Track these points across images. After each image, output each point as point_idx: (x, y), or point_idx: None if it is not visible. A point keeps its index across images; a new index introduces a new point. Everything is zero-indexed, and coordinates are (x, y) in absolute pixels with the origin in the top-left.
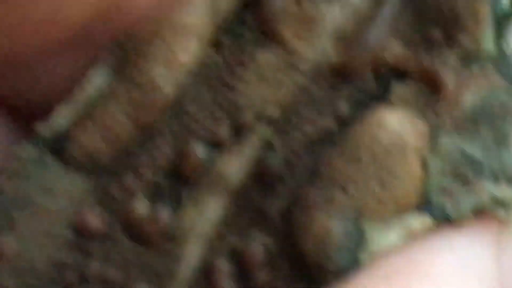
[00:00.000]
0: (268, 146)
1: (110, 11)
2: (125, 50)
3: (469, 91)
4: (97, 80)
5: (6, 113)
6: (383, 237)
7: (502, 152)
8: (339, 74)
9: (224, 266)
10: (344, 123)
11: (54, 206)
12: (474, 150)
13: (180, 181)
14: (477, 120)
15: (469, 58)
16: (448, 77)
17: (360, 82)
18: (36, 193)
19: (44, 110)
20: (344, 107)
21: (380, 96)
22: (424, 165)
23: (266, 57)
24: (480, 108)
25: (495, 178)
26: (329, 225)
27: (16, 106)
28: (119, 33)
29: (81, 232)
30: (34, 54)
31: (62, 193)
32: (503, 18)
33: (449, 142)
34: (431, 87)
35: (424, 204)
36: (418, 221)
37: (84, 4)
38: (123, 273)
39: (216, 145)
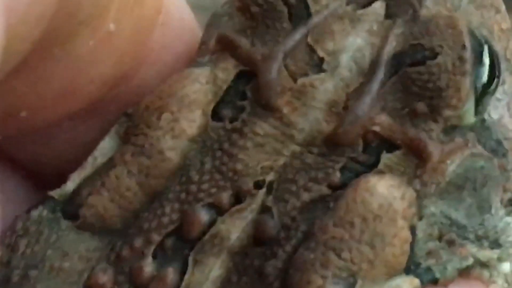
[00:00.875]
0: (266, 210)
1: (120, 85)
2: (133, 120)
3: (453, 160)
4: (106, 148)
5: (24, 177)
6: None
7: (485, 216)
8: (331, 143)
9: None
10: (336, 189)
11: (69, 267)
12: (459, 215)
13: (185, 243)
14: (461, 187)
15: (452, 130)
16: (433, 148)
17: (351, 151)
18: (52, 254)
19: (60, 174)
20: (336, 175)
21: (370, 164)
22: (412, 230)
23: (264, 128)
24: (463, 175)
25: (479, 241)
26: (325, 286)
27: (33, 171)
28: (128, 104)
29: None
30: (52, 125)
31: (76, 254)
32: (483, 90)
33: (434, 208)
34: (417, 157)
35: (412, 267)
36: (407, 283)
37: (97, 79)
38: None
39: (218, 209)
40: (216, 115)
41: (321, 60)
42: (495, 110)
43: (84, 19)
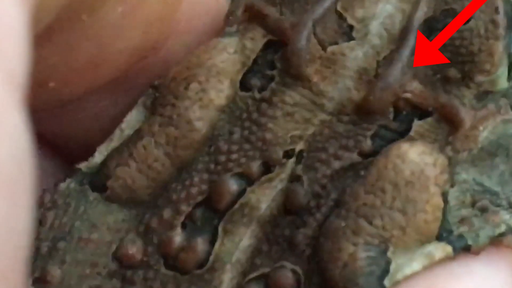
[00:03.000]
0: (296, 179)
1: (147, 56)
2: (161, 91)
3: (485, 127)
4: (133, 120)
5: (52, 151)
6: (407, 265)
7: None
8: (361, 111)
9: None
10: (367, 157)
11: (97, 238)
12: (491, 182)
13: (214, 214)
14: (493, 154)
15: (485, 96)
16: (465, 114)
17: (382, 118)
18: (80, 226)
19: (87, 148)
20: (367, 143)
21: (402, 132)
22: (444, 197)
23: (293, 97)
24: (496, 142)
25: None
26: (356, 253)
27: (61, 145)
28: (155, 76)
29: (122, 262)
30: (79, 97)
31: (105, 226)
32: None
33: (467, 174)
34: (449, 124)
35: (445, 234)
36: (439, 250)
37: (124, 49)
38: None
39: (247, 179)
40: (244, 85)
41: (351, 27)
42: None
43: None
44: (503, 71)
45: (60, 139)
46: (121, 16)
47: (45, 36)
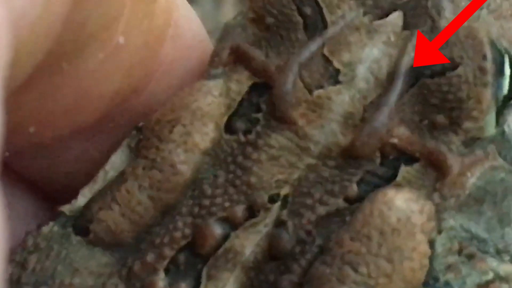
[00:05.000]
0: (281, 224)
1: (130, 97)
2: (145, 133)
3: (473, 173)
4: (117, 162)
5: (34, 193)
6: None
7: (506, 230)
8: (348, 156)
9: None
10: (353, 203)
11: (79, 283)
12: (479, 228)
13: (198, 258)
14: (481, 200)
15: (473, 142)
16: (453, 161)
17: (369, 164)
18: (62, 270)
19: (70, 189)
20: (353, 188)
21: (388, 177)
22: (431, 244)
23: (279, 140)
24: (483, 188)
25: (499, 255)
26: None
27: (43, 187)
28: (138, 118)
29: None
30: (61, 139)
31: (87, 270)
32: (504, 101)
33: (454, 221)
34: (436, 170)
35: (431, 281)
36: None
37: (106, 93)
38: None
39: (232, 224)
40: (229, 128)
41: (337, 71)
42: None
43: (93, 31)
44: (491, 117)
45: (42, 180)
46: (101, 61)
47: (24, 84)
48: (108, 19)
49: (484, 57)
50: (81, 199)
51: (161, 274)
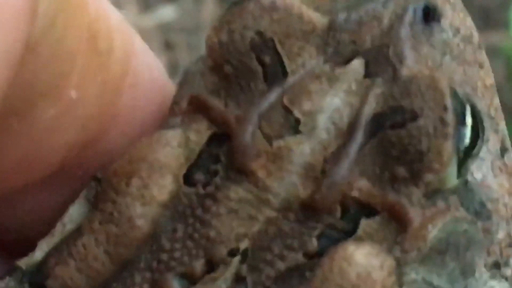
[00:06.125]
0: (240, 279)
1: (86, 149)
2: (102, 185)
3: (434, 225)
4: (75, 215)
5: None
6: None
7: (468, 281)
8: (308, 209)
9: None
10: (313, 258)
11: None
12: (441, 280)
13: None
14: (443, 252)
15: (434, 194)
16: (414, 213)
17: (329, 217)
18: None
19: (27, 241)
20: (313, 243)
21: (349, 231)
22: None
23: (238, 192)
24: (446, 240)
25: None
26: None
27: None
28: (96, 168)
29: None
30: (15, 191)
31: None
32: (466, 152)
33: (416, 274)
34: (397, 223)
35: None
36: None
37: (60, 147)
38: None
39: (190, 279)
40: (188, 179)
41: (298, 121)
42: (479, 170)
43: (43, 89)
44: (452, 169)
45: None
46: (54, 117)
47: None
48: (58, 76)
49: (445, 108)
50: (38, 253)
51: None
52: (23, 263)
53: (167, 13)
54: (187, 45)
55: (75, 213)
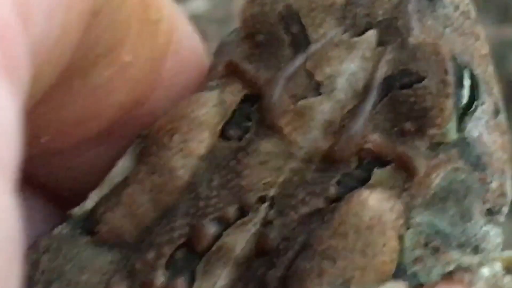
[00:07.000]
0: (268, 223)
1: (134, 109)
2: (147, 141)
3: (437, 174)
4: (123, 168)
5: (46, 198)
6: None
7: (467, 225)
8: (327, 160)
9: None
10: (332, 203)
11: (85, 280)
12: (443, 224)
13: (194, 256)
14: (445, 199)
15: (437, 146)
16: (419, 163)
17: (346, 167)
18: (70, 269)
19: (79, 194)
20: (332, 189)
21: (363, 179)
22: (400, 239)
23: (267, 147)
24: (447, 188)
25: (461, 248)
26: None
27: (54, 192)
28: (142, 127)
29: None
30: (71, 147)
31: (93, 269)
32: (464, 110)
33: (421, 218)
34: (405, 172)
35: (401, 272)
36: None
37: (112, 104)
38: None
39: (224, 223)
40: (223, 135)
41: (319, 84)
42: (476, 128)
43: (101, 52)
44: (452, 124)
45: (55, 185)
46: (109, 78)
47: (39, 100)
48: (116, 41)
49: (446, 72)
50: (89, 203)
51: (160, 271)
52: (75, 211)
53: (199, 4)
54: (219, 35)
55: (122, 167)
